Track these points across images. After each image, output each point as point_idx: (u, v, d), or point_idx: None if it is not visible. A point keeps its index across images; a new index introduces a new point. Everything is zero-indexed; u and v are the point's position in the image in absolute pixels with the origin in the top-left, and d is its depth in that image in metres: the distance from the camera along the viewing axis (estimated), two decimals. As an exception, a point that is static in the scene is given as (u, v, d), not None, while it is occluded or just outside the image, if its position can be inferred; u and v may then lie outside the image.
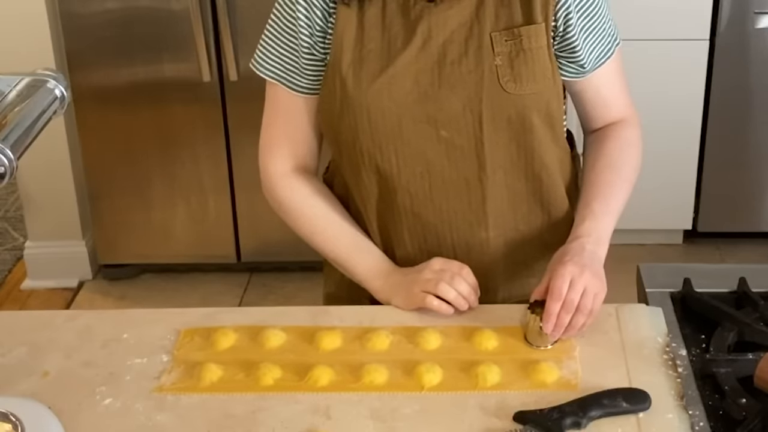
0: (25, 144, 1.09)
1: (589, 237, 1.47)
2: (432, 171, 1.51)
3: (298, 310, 1.51)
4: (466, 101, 1.47)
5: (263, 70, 1.55)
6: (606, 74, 1.56)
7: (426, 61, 1.47)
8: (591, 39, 1.51)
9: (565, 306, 1.38)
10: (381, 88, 1.47)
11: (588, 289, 1.39)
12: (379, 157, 1.50)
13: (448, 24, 1.47)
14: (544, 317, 1.38)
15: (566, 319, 1.38)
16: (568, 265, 1.40)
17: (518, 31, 1.46)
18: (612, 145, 1.58)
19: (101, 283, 3.41)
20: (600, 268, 1.44)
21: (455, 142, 1.49)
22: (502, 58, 1.46)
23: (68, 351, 1.42)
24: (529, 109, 1.48)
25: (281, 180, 1.59)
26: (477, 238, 1.55)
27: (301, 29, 1.50)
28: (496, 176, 1.52)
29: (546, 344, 1.39)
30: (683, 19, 3.12)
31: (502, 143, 1.50)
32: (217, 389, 1.34)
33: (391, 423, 1.27)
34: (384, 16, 1.48)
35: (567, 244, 1.47)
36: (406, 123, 1.48)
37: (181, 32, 3.02)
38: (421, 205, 1.53)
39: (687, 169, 3.31)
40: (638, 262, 1.58)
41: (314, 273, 1.83)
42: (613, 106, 1.60)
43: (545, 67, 1.48)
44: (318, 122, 1.57)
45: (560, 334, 1.39)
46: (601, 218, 1.49)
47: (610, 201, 1.52)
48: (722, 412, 1.26)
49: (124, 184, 3.24)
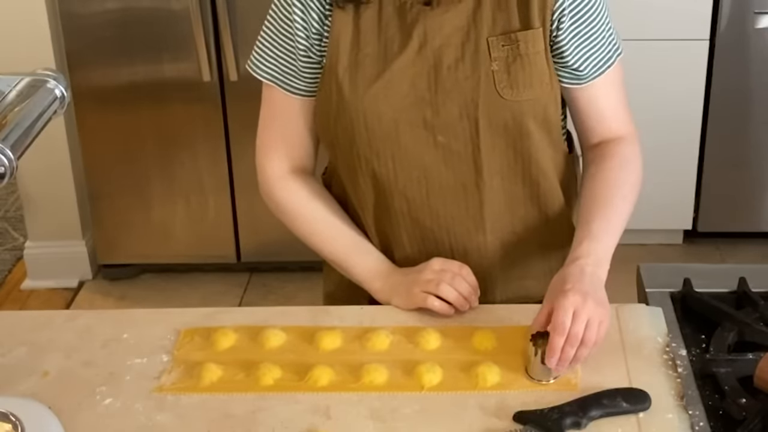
0: (25, 144, 1.09)
1: (588, 258, 1.41)
2: (429, 176, 1.50)
3: (298, 310, 1.51)
4: (462, 107, 1.46)
5: (260, 72, 1.55)
6: (604, 85, 1.53)
7: (422, 65, 1.46)
8: (586, 45, 1.49)
9: (570, 340, 1.31)
10: (377, 93, 1.46)
11: (592, 320, 1.32)
12: (376, 161, 1.50)
13: (444, 28, 1.46)
14: (548, 352, 1.31)
15: (571, 353, 1.31)
16: (569, 295, 1.33)
17: (515, 36, 1.45)
18: (610, 164, 1.53)
19: (101, 283, 3.41)
20: (602, 293, 1.38)
21: (452, 147, 1.48)
22: (498, 63, 1.45)
23: (68, 351, 1.42)
24: (526, 115, 1.47)
25: (278, 182, 1.59)
26: (475, 242, 1.55)
27: (297, 32, 1.50)
28: (493, 181, 1.51)
29: (549, 378, 1.33)
30: (683, 19, 3.12)
31: (499, 148, 1.49)
32: (217, 389, 1.34)
33: (391, 423, 1.27)
34: (380, 20, 1.47)
35: (565, 268, 1.41)
36: (403, 128, 1.47)
37: (181, 32, 3.02)
38: (419, 210, 1.53)
39: (687, 169, 3.31)
40: (638, 262, 1.58)
41: (314, 273, 1.83)
42: (610, 120, 1.56)
43: (542, 72, 1.47)
44: (315, 124, 1.57)
45: (565, 368, 1.33)
46: (600, 238, 1.44)
47: (609, 220, 1.47)
48: (722, 412, 1.26)
49: (124, 184, 3.24)
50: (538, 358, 1.33)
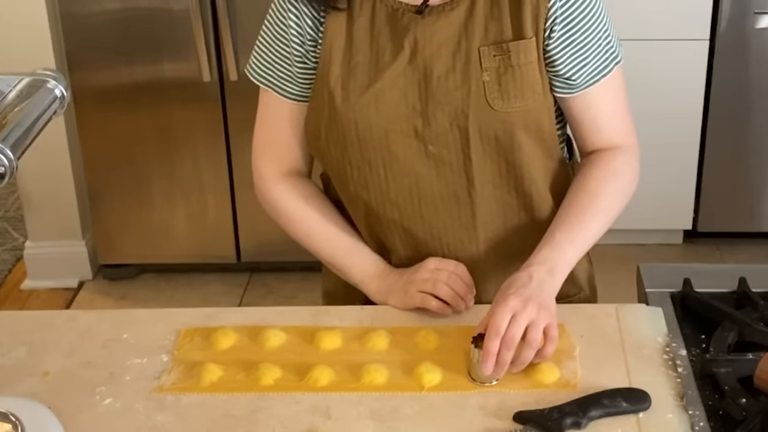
0: (25, 144, 1.09)
1: (541, 266, 1.39)
2: (420, 185, 1.49)
3: (298, 310, 1.51)
4: (452, 117, 1.44)
5: (257, 77, 1.55)
6: (599, 94, 1.50)
7: (413, 75, 1.45)
8: (578, 54, 1.46)
9: (505, 342, 1.30)
10: (368, 102, 1.46)
11: (535, 322, 1.31)
12: (368, 170, 1.49)
13: (435, 37, 1.44)
14: (483, 355, 1.31)
15: (507, 356, 1.30)
16: (510, 299, 1.33)
17: (507, 47, 1.43)
18: (595, 174, 1.50)
19: (101, 283, 3.41)
20: (549, 299, 1.36)
21: (443, 157, 1.47)
22: (489, 73, 1.43)
23: (68, 351, 1.42)
24: (517, 125, 1.45)
25: (274, 184, 1.59)
26: (467, 252, 1.54)
27: (292, 38, 1.50)
28: (484, 191, 1.50)
29: (490, 381, 1.32)
30: (683, 19, 3.12)
31: (490, 158, 1.48)
32: (217, 389, 1.34)
33: (391, 423, 1.27)
34: (372, 27, 1.46)
35: (515, 273, 1.39)
36: (394, 137, 1.47)
37: (181, 32, 3.02)
38: (410, 220, 1.52)
39: (687, 169, 3.31)
40: (638, 262, 1.58)
41: (314, 273, 1.83)
42: (605, 130, 1.52)
43: (534, 82, 1.45)
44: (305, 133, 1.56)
45: (503, 372, 1.32)
46: (561, 248, 1.42)
47: (577, 232, 1.45)
48: (722, 412, 1.26)
49: (124, 184, 3.24)
50: (478, 360, 1.32)
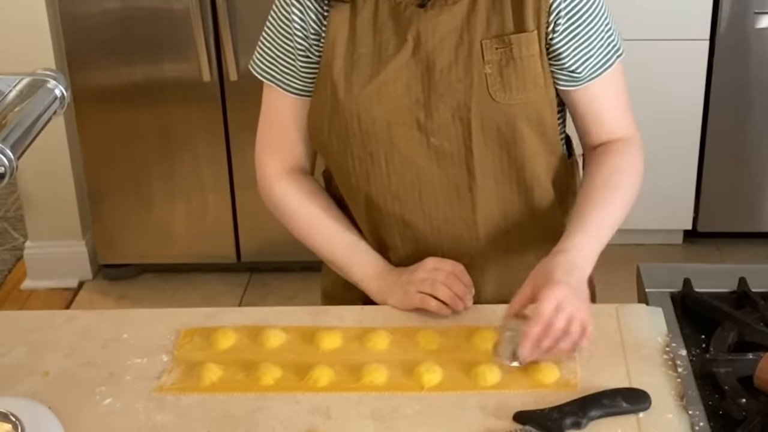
0: (25, 144, 1.09)
1: (579, 252, 1.39)
2: (422, 178, 1.50)
3: (298, 310, 1.51)
4: (454, 110, 1.45)
5: (260, 72, 1.55)
6: (602, 87, 1.51)
7: (416, 67, 1.46)
8: (583, 47, 1.48)
9: (549, 332, 1.31)
10: (371, 95, 1.46)
11: (576, 316, 1.32)
12: (370, 162, 1.50)
13: (438, 30, 1.45)
14: (523, 339, 1.30)
15: (546, 344, 1.31)
16: (558, 288, 1.32)
17: (509, 39, 1.44)
18: (608, 167, 1.51)
19: (101, 283, 3.41)
20: (586, 293, 1.36)
21: (445, 149, 1.48)
22: (491, 66, 1.45)
23: (68, 351, 1.42)
24: (519, 118, 1.46)
25: (277, 181, 1.59)
26: (467, 246, 1.54)
27: (296, 32, 1.50)
28: (485, 184, 1.50)
29: (515, 362, 1.33)
30: (683, 19, 3.12)
31: (492, 151, 1.48)
32: (217, 389, 1.34)
33: (391, 423, 1.27)
34: (375, 20, 1.47)
35: (555, 256, 1.39)
36: (396, 129, 1.47)
37: (181, 32, 3.02)
38: (411, 213, 1.52)
39: (687, 169, 3.31)
40: (638, 262, 1.58)
41: (314, 273, 1.83)
42: (609, 122, 1.54)
43: (536, 75, 1.46)
44: (308, 125, 1.56)
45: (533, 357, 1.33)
46: (593, 235, 1.42)
47: (603, 220, 1.46)
48: (722, 412, 1.26)
49: (124, 184, 3.24)
50: (512, 339, 1.32)
